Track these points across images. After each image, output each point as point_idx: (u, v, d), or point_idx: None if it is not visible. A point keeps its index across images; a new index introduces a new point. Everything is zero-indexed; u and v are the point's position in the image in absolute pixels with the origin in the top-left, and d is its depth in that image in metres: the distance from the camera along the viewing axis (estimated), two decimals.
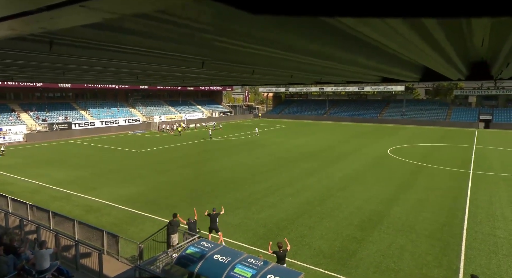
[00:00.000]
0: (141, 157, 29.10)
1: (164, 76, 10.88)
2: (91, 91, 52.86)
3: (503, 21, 2.16)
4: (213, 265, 8.02)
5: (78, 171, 23.38)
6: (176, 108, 63.82)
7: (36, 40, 3.52)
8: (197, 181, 20.71)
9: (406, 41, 2.69)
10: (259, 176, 21.66)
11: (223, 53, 4.88)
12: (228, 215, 14.68)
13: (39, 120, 43.38)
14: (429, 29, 2.37)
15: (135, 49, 4.38)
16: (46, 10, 1.60)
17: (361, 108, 69.50)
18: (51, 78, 12.42)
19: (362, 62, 4.89)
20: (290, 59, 4.94)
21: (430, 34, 2.52)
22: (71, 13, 1.62)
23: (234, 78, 10.98)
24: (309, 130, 50.69)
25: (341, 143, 36.97)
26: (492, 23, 2.32)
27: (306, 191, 18.39)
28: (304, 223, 13.77)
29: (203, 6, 1.72)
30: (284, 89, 77.51)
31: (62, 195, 17.95)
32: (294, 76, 8.62)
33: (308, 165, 25.09)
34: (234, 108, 77.28)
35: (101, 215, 14.91)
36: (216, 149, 33.04)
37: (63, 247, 10.57)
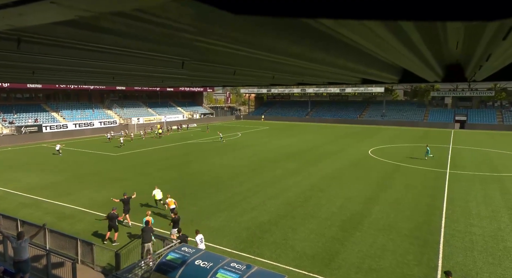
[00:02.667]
0: (118, 161, 28.30)
1: (142, 77, 10.66)
2: (63, 92, 50.91)
3: (475, 26, 2.29)
4: (195, 270, 7.91)
5: (50, 176, 22.42)
6: (155, 109, 62.64)
7: (1, 37, 3.35)
8: (179, 182, 20.39)
9: (384, 42, 2.79)
10: (241, 177, 21.63)
11: (203, 54, 4.85)
12: (210, 218, 14.55)
13: (6, 123, 41.26)
14: (406, 32, 2.47)
15: (111, 48, 4.27)
16: (12, 6, 1.53)
17: (343, 109, 71.04)
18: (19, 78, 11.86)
19: (342, 63, 5.01)
20: (272, 60, 4.99)
21: (408, 36, 2.62)
22: (41, 9, 1.56)
23: (215, 79, 10.93)
24: (291, 131, 51.17)
25: (323, 143, 37.58)
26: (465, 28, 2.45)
27: (288, 191, 18.54)
28: (287, 225, 13.87)
29: (184, 7, 1.70)
30: (266, 90, 77.92)
31: (32, 201, 17.15)
32: (276, 78, 8.69)
33: (290, 165, 25.32)
34: (216, 110, 76.84)
35: (74, 221, 14.36)
36: (198, 151, 32.69)
37: (33, 257, 10.07)
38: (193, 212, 15.35)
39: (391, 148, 34.39)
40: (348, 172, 23.53)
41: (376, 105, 69.19)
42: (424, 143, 34.26)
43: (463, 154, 30.86)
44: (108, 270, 10.33)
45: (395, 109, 66.03)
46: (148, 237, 10.60)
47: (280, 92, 79.41)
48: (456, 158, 28.70)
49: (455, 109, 62.11)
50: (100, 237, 12.64)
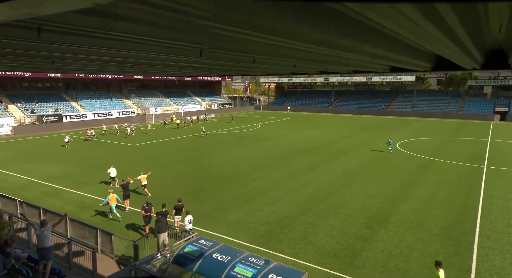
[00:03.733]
0: (136, 151, 29.19)
1: (160, 66, 10.84)
2: (82, 81, 52.74)
3: None
4: (212, 264, 8.11)
5: (70, 166, 23.49)
6: (173, 100, 63.71)
7: (23, 26, 3.49)
8: (195, 176, 20.80)
9: (417, 27, 2.67)
10: (260, 171, 21.74)
11: (222, 41, 4.85)
12: (228, 212, 14.78)
13: (28, 112, 43.41)
14: (442, 15, 2.35)
15: (129, 36, 4.35)
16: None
17: (369, 99, 69.26)
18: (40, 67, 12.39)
19: (369, 50, 4.86)
20: (293, 47, 4.91)
21: (444, 20, 2.49)
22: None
23: (234, 67, 10.93)
24: (313, 123, 50.61)
25: (347, 136, 36.94)
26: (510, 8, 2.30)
27: (309, 186, 18.46)
28: (308, 221, 13.87)
29: None
30: (287, 79, 77.21)
31: (53, 190, 18.08)
32: (297, 66, 8.57)
33: (311, 159, 25.13)
34: (234, 100, 77.11)
35: (94, 211, 15.03)
36: (215, 143, 33.08)
37: (55, 245, 10.67)
38: (210, 205, 15.65)
39: (422, 141, 33.28)
40: (373, 166, 23.07)
41: (406, 95, 66.90)
42: (459, 136, 32.88)
43: (503, 149, 29.38)
44: (126, 260, 10.78)
45: (426, 100, 63.59)
46: (163, 227, 10.93)
47: (301, 81, 78.40)
48: (495, 153, 27.38)
49: (495, 100, 58.95)
50: (118, 228, 13.18)
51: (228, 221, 13.85)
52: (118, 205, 14.51)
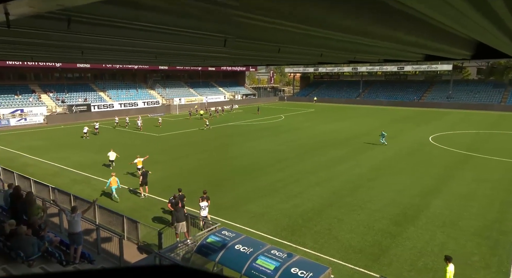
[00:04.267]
0: (160, 141, 30.03)
1: (184, 56, 11.00)
2: (109, 72, 54.59)
3: None
4: (235, 255, 8.28)
5: (97, 155, 24.58)
6: (197, 90, 64.61)
7: (54, 18, 3.65)
8: (217, 167, 21.14)
9: (458, 13, 2.51)
10: (283, 163, 21.72)
11: (247, 31, 4.83)
12: (250, 204, 14.95)
13: (59, 102, 45.71)
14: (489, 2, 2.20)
15: (153, 26, 4.44)
16: None
17: (400, 90, 66.76)
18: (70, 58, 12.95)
19: (403, 38, 4.65)
20: (321, 36, 4.80)
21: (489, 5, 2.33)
22: None
23: (258, 57, 10.90)
24: (340, 114, 49.67)
25: (376, 128, 35.93)
26: None
27: (334, 180, 18.24)
28: (332, 215, 13.76)
29: None
30: (313, 69, 75.86)
31: (82, 178, 19.05)
32: (324, 55, 8.40)
33: (337, 152, 24.75)
34: (258, 91, 76.99)
35: (121, 200, 15.72)
36: (238, 134, 33.33)
37: (85, 230, 11.30)
38: (232, 196, 15.89)
39: (458, 135, 31.77)
40: (404, 160, 22.37)
41: (441, 86, 63.81)
42: (500, 130, 31.05)
43: None
44: (148, 246, 11.24)
45: (464, 90, 60.36)
46: (181, 216, 11.24)
47: (328, 71, 76.76)
48: None
49: None
50: (143, 216, 13.71)
51: (250, 213, 14.01)
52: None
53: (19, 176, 16.82)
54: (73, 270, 0.66)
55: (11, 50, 8.68)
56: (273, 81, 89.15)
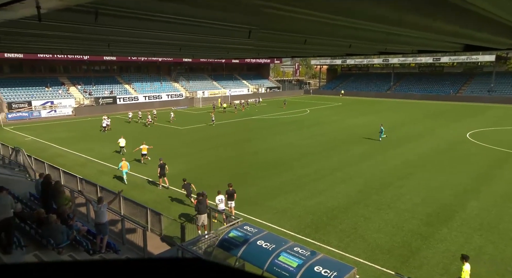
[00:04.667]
0: (183, 134, 30.66)
1: (208, 48, 11.10)
2: (134, 64, 56.15)
3: None
4: (257, 251, 8.36)
5: None
6: (220, 83, 65.15)
7: (82, 11, 3.80)
8: (240, 161, 21.31)
9: None
10: (308, 158, 21.55)
11: (272, 21, 4.79)
12: (273, 200, 14.99)
13: (86, 94, 47.70)
14: None
15: (178, 18, 4.51)
16: None
17: (436, 83, 64.00)
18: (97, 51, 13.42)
19: (441, 27, 4.43)
20: (350, 26, 4.67)
21: None
22: None
23: (284, 49, 10.79)
24: (368, 108, 48.44)
25: (407, 124, 34.77)
26: None
27: (361, 176, 17.89)
28: (359, 213, 13.54)
29: None
30: (340, 61, 74.26)
31: (108, 169, 19.85)
32: (353, 46, 8.18)
33: (365, 147, 24.21)
34: (283, 83, 76.50)
35: (144, 191, 16.26)
36: (261, 128, 33.37)
37: (111, 221, 11.82)
38: (255, 192, 15.99)
39: (499, 131, 30.09)
40: (437, 158, 21.52)
41: (482, 78, 60.49)
42: None
43: None
44: (174, 240, 11.58)
45: (508, 83, 56.92)
46: (203, 208, 11.47)
47: (357, 63, 74.87)
48: None
49: None
50: (166, 208, 14.12)
51: (273, 209, 14.06)
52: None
53: (49, 166, 17.78)
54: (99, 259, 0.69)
55: (42, 43, 9.12)
56: (298, 73, 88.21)
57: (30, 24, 4.99)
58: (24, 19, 3.87)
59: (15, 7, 2.93)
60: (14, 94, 42.72)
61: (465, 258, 8.50)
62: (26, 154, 19.56)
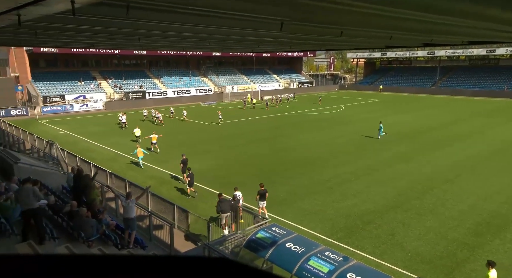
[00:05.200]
0: (211, 130, 31.18)
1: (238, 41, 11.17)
2: (164, 58, 57.78)
3: None
4: (285, 253, 8.35)
5: (149, 143, 26.36)
6: (250, 77, 65.42)
7: (114, 4, 3.96)
8: (269, 159, 21.33)
9: None
10: (341, 157, 21.16)
11: (306, 12, 4.73)
12: (303, 200, 14.88)
13: (117, 89, 49.84)
14: None
15: (208, 11, 4.58)
16: None
17: (489, 77, 60.28)
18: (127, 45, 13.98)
19: (497, 15, 4.15)
20: (390, 15, 4.50)
21: None
22: None
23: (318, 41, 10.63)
24: (410, 105, 46.64)
25: (454, 122, 33.08)
26: None
27: (400, 179, 17.28)
28: (397, 218, 13.11)
29: None
30: (379, 54, 71.91)
31: (136, 164, 20.64)
32: (394, 38, 7.89)
33: (405, 147, 23.36)
34: (316, 78, 75.44)
35: (172, 188, 16.75)
36: (292, 124, 33.17)
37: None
38: (284, 191, 15.95)
39: None
40: (488, 160, 20.30)
41: None
42: None
43: None
44: (200, 238, 11.85)
45: None
46: (226, 207, 11.60)
47: (398, 56, 72.08)
48: None
49: None
50: (193, 206, 14.45)
51: (304, 210, 13.96)
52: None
53: (80, 159, 18.81)
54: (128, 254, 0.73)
55: (76, 37, 9.63)
56: (333, 68, 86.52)
57: (65, 19, 5.29)
58: (59, 13, 4.11)
59: (51, 2, 3.11)
60: (49, 88, 45.52)
61: (491, 264, 8.25)
62: (59, 148, 20.81)
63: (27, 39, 11.90)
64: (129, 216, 9.87)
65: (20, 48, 43.65)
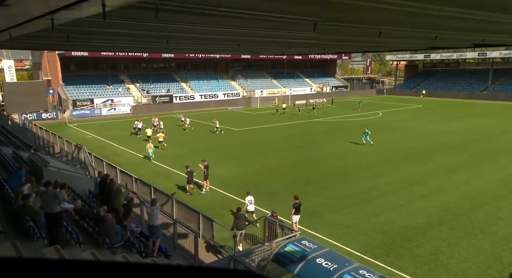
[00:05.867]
0: (239, 136, 31.45)
1: (268, 43, 11.26)
2: (192, 61, 59.26)
3: None
4: (316, 269, 8.20)
5: (177, 147, 27.00)
6: (280, 81, 65.54)
7: (143, 7, 4.13)
8: (300, 167, 21.15)
9: None
10: (378, 168, 20.59)
11: (341, 12, 4.68)
12: (336, 213, 14.59)
13: (144, 92, 51.66)
14: None
15: (238, 12, 4.65)
16: None
17: None
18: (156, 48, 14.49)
19: None
20: (435, 14, 4.36)
21: None
22: None
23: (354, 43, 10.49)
24: (457, 112, 44.74)
25: (509, 131, 31.28)
26: None
27: (446, 193, 16.54)
28: (441, 237, 12.52)
29: None
30: (422, 56, 69.75)
31: (163, 171, 21.18)
32: (439, 38, 7.62)
33: (451, 158, 22.37)
34: (351, 82, 74.30)
35: (197, 195, 16.99)
36: (324, 132, 32.77)
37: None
38: (315, 202, 15.72)
39: None
40: None
41: None
42: None
43: None
44: (225, 249, 11.90)
45: None
46: (242, 225, 11.49)
47: (444, 58, 69.56)
48: None
49: None
50: (218, 214, 14.56)
51: (336, 223, 13.68)
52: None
53: (107, 164, 19.57)
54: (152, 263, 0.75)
55: (106, 41, 10.11)
56: (370, 71, 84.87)
57: (95, 22, 5.58)
58: (90, 17, 4.33)
59: (82, 6, 3.30)
60: (78, 91, 48.00)
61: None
62: (87, 151, 21.80)
63: (59, 43, 12.64)
64: (153, 223, 10.10)
65: (52, 52, 46.41)
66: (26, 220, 8.80)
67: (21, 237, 8.35)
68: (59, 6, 3.51)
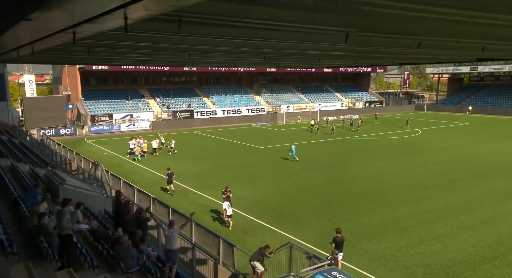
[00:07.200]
0: (263, 154, 31.47)
1: (296, 55, 11.36)
2: (214, 75, 60.55)
3: None
4: None
5: (197, 165, 27.29)
6: (308, 96, 65.60)
7: (165, 19, 4.30)
8: (329, 189, 20.82)
9: None
10: (419, 192, 19.96)
11: (375, 21, 4.67)
12: (370, 241, 14.17)
13: (164, 108, 53.02)
14: None
15: (263, 23, 4.74)
16: None
17: None
18: (178, 61, 14.94)
19: None
20: (482, 22, 4.27)
21: None
22: None
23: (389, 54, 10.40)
24: (509, 131, 42.94)
25: None
26: None
27: (499, 223, 15.78)
28: (494, 273, 11.88)
29: None
30: (468, 68, 68.06)
31: (181, 190, 21.40)
32: (488, 49, 7.44)
33: (503, 183, 21.41)
34: (387, 97, 73.29)
35: (217, 217, 16.98)
36: (357, 151, 32.27)
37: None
38: (347, 230, 15.29)
39: None
40: None
41: None
42: None
43: None
44: (237, 272, 11.73)
45: None
46: (255, 256, 11.23)
47: (493, 71, 67.61)
48: None
49: None
50: (240, 239, 14.45)
51: (371, 253, 13.26)
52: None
53: (124, 182, 20.00)
54: None
55: (127, 54, 10.54)
56: (408, 85, 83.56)
57: (117, 36, 5.84)
58: (112, 30, 4.55)
59: (105, 19, 3.47)
60: (98, 106, 49.94)
61: None
62: (104, 169, 22.41)
63: (80, 57, 13.29)
64: (171, 247, 10.12)
65: (73, 67, 48.78)
66: (40, 240, 9.05)
67: (34, 258, 8.57)
68: (82, 19, 3.71)
